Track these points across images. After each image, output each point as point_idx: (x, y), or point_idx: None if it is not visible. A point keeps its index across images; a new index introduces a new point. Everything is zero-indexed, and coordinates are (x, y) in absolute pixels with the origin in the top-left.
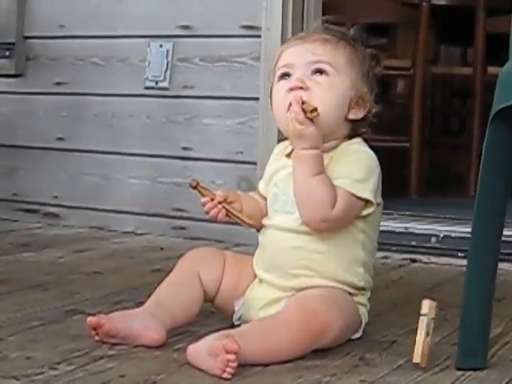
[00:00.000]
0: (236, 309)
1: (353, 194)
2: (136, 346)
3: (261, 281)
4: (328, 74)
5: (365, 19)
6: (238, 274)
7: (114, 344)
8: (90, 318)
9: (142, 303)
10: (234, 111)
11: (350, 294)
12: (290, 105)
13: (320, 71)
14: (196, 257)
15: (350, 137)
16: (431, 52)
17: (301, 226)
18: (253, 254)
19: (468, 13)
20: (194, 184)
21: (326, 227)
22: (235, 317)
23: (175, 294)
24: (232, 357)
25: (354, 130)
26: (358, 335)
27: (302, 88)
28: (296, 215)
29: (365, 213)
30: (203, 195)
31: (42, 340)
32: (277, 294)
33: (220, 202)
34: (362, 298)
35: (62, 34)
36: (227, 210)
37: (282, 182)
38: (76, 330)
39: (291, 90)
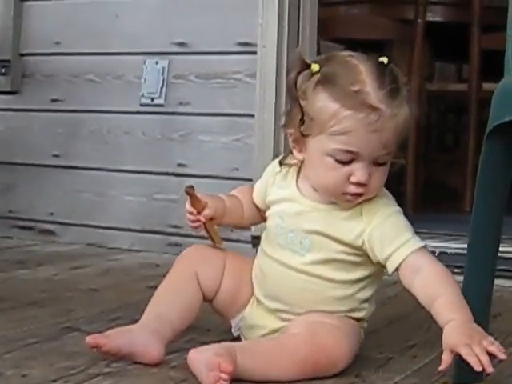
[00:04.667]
0: (233, 325)
1: (423, 247)
2: (133, 363)
3: (260, 301)
4: (387, 162)
5: (360, 36)
6: (238, 277)
7: (111, 361)
8: (88, 339)
9: (137, 320)
10: (229, 128)
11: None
12: (356, 195)
13: (384, 163)
14: (195, 255)
15: None
16: (426, 68)
17: (311, 268)
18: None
19: (463, 29)
20: (191, 192)
21: None
22: (234, 330)
23: (173, 304)
24: (224, 376)
25: None
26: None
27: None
28: (306, 259)
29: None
30: (193, 205)
31: (37, 357)
32: (279, 324)
33: (206, 222)
34: (364, 323)
35: (58, 51)
36: (206, 227)
37: (289, 217)
38: (72, 347)
39: (357, 184)
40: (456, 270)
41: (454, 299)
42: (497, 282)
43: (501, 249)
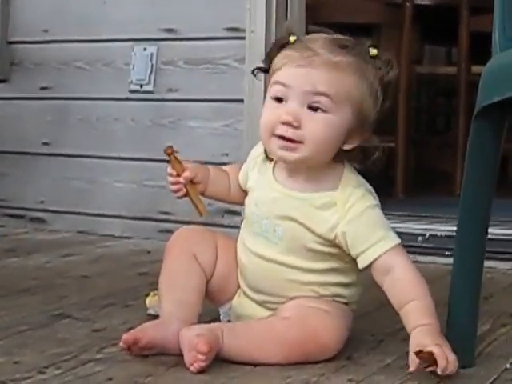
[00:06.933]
0: (221, 313)
1: (397, 245)
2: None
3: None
4: (326, 111)
5: (348, 20)
6: (231, 259)
7: (103, 347)
8: (125, 337)
9: (129, 306)
10: (218, 113)
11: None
12: (285, 139)
13: (317, 108)
14: (188, 237)
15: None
16: (416, 52)
17: (285, 258)
18: None
19: (452, 12)
20: (169, 151)
21: None
22: (222, 318)
23: (186, 287)
24: (201, 357)
25: (341, 156)
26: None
27: (293, 126)
28: (279, 248)
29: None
30: (172, 166)
31: (29, 344)
32: (267, 313)
33: (186, 184)
34: (353, 305)
35: (46, 39)
36: (187, 191)
37: (263, 204)
38: (64, 333)
39: (283, 123)
40: (446, 253)
41: (425, 306)
42: (488, 263)
43: (492, 231)
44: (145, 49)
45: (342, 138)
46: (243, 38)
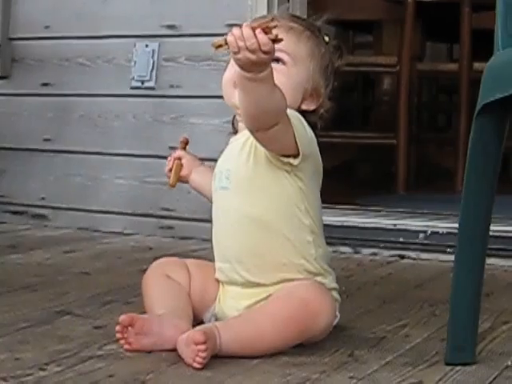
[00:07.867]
0: (205, 321)
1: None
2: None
3: (225, 288)
4: (285, 64)
5: (351, 16)
6: (203, 279)
7: (104, 344)
8: (122, 317)
9: (130, 303)
10: (220, 110)
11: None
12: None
13: (277, 60)
14: (160, 266)
15: None
16: (417, 48)
17: (239, 202)
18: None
19: (453, 9)
20: (185, 141)
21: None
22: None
23: (172, 296)
24: (201, 347)
25: (304, 117)
26: (337, 320)
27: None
28: (231, 192)
29: (294, 162)
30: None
31: (30, 341)
32: (246, 302)
33: (175, 158)
34: (335, 292)
35: (48, 35)
36: (173, 165)
37: (220, 162)
38: (64, 330)
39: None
40: (448, 250)
41: None
42: (489, 260)
43: (494, 228)
44: (146, 45)
45: (300, 96)
46: None
